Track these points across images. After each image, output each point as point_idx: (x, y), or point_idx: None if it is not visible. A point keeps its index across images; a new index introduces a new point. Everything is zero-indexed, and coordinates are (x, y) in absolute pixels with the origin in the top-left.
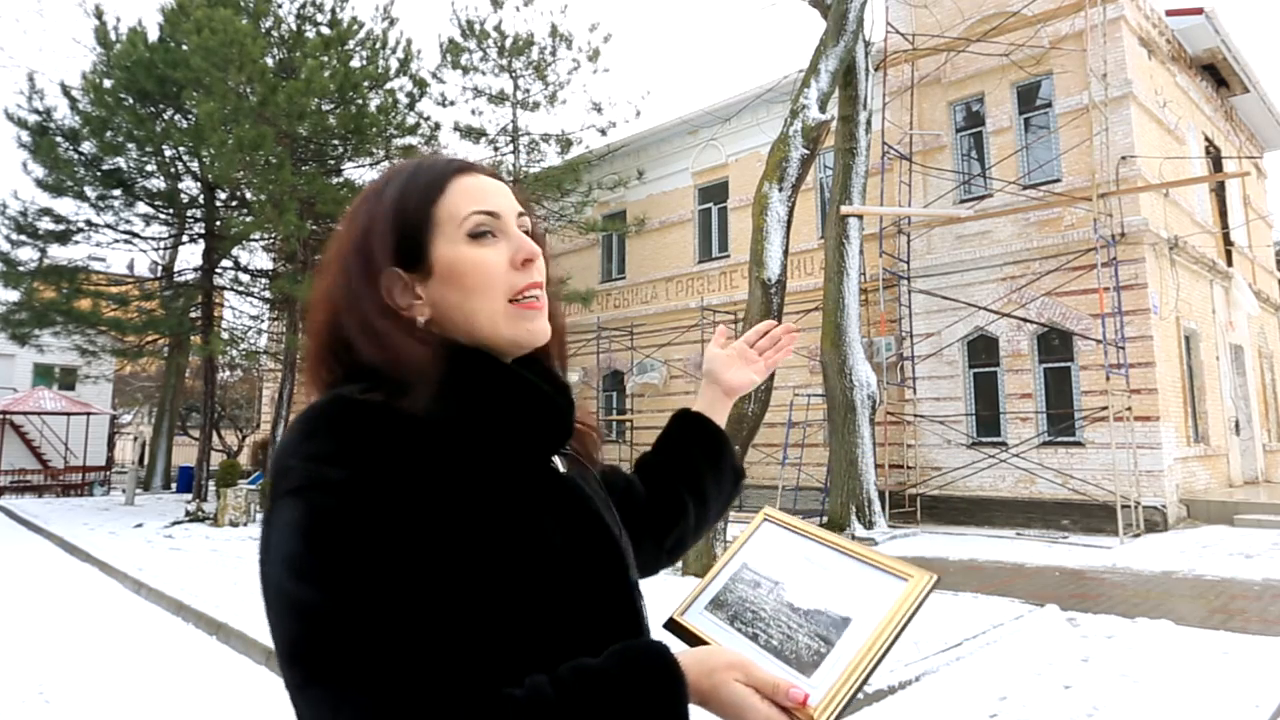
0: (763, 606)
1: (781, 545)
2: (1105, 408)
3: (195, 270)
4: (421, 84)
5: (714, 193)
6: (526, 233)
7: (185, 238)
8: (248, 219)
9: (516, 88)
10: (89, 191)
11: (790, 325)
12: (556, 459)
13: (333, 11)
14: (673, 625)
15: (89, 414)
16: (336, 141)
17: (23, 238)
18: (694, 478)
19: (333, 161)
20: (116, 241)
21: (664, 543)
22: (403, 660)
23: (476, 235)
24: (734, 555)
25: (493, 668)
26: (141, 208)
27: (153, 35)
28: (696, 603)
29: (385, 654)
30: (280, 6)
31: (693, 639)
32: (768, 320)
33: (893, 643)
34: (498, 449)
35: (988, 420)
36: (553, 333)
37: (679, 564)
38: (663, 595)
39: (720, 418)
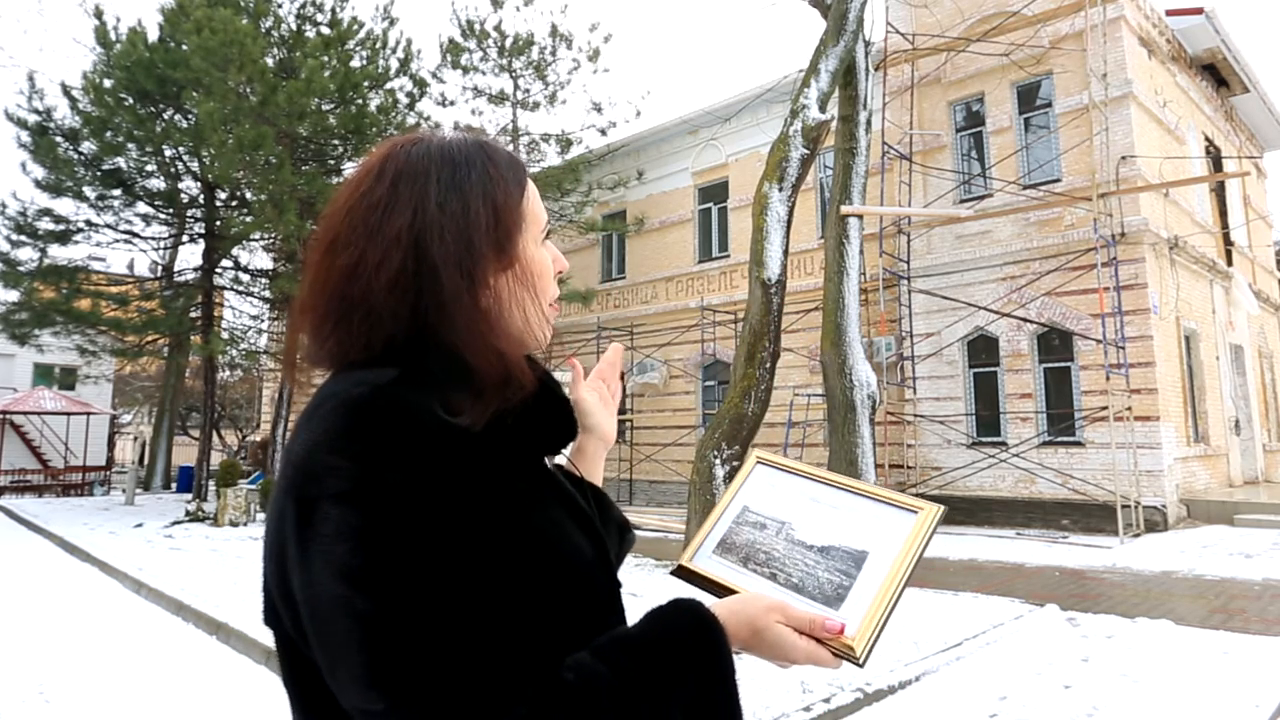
0: (774, 547)
1: (780, 486)
2: (1105, 408)
3: (195, 270)
4: (421, 84)
5: (714, 193)
6: None
7: (185, 238)
8: (248, 219)
9: (516, 88)
10: (89, 191)
11: (620, 346)
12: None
13: (333, 11)
14: (683, 572)
15: (89, 414)
16: (336, 141)
17: (23, 238)
18: None
19: (333, 161)
20: (116, 241)
21: None
22: (487, 676)
23: (545, 237)
24: (731, 500)
25: (531, 660)
26: (141, 208)
27: (153, 35)
28: (703, 548)
29: (470, 672)
30: (280, 6)
31: (706, 583)
32: (616, 346)
33: (913, 571)
34: (524, 449)
35: (988, 420)
36: None
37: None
38: (653, 589)
39: (600, 471)
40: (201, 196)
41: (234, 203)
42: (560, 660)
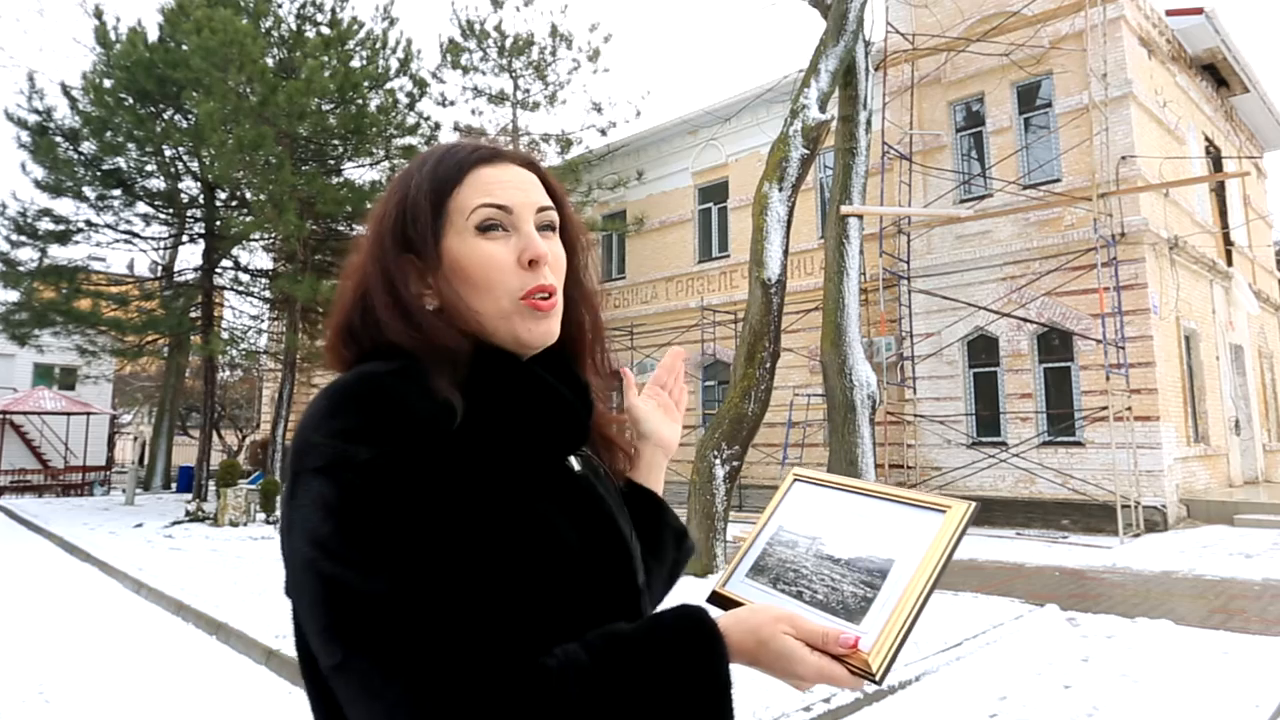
0: (803, 564)
1: (814, 501)
2: (1105, 408)
3: (195, 270)
4: (421, 84)
5: (714, 193)
6: (550, 226)
7: (185, 238)
8: (248, 219)
9: (516, 88)
10: (89, 192)
11: (681, 350)
12: (571, 458)
13: (333, 11)
14: (716, 598)
15: (89, 414)
16: (336, 141)
17: (23, 238)
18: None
19: (333, 161)
20: (116, 241)
21: None
22: (437, 634)
23: (484, 229)
24: (768, 520)
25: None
26: (141, 208)
27: (153, 35)
28: (737, 572)
29: (421, 628)
30: (280, 6)
31: (736, 607)
32: (674, 350)
33: (938, 577)
34: (514, 446)
35: (988, 420)
36: (587, 329)
37: None
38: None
39: (660, 479)
40: (201, 196)
41: (234, 203)
42: (549, 648)
